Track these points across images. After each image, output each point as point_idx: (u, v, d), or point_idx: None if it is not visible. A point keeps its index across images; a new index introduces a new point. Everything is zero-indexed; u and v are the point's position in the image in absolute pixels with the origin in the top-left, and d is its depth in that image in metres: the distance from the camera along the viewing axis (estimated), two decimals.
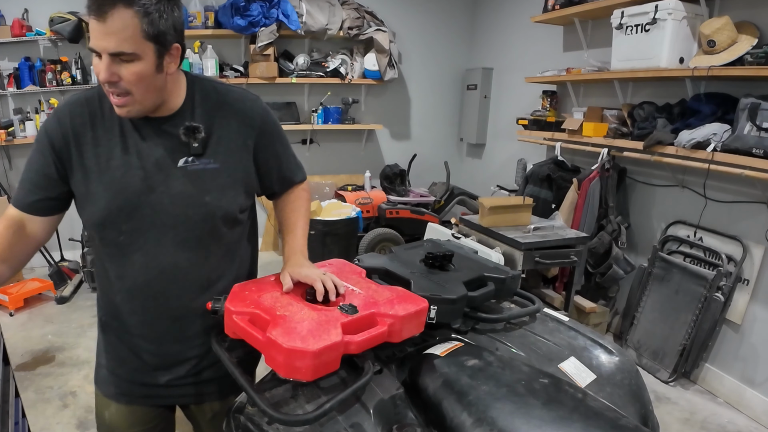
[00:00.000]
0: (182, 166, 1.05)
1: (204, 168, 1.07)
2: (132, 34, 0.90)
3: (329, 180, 5.00)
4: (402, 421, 0.93)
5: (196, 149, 1.06)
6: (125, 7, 0.88)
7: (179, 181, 1.05)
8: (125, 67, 0.93)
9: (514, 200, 3.13)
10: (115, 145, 1.04)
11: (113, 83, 0.94)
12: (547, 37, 3.95)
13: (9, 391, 1.48)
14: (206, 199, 1.07)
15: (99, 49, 0.92)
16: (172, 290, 1.09)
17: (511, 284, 1.28)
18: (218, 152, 1.09)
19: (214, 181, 1.08)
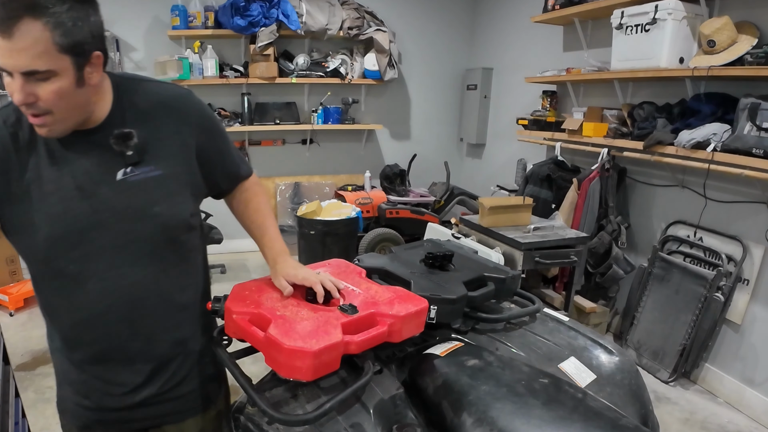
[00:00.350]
0: (122, 179, 0.96)
1: (147, 177, 0.97)
2: (44, 49, 0.79)
3: (329, 180, 5.00)
4: (402, 421, 0.93)
5: (132, 157, 0.96)
6: (33, 19, 0.77)
7: (122, 196, 0.96)
8: (41, 86, 0.82)
9: (514, 200, 3.13)
10: (44, 167, 0.93)
11: (30, 104, 0.84)
12: (547, 37, 3.95)
13: (9, 391, 1.48)
14: (155, 209, 0.98)
15: (9, 68, 0.80)
16: (136, 312, 1.01)
17: (511, 284, 1.28)
18: (159, 157, 0.99)
19: (160, 189, 0.99)
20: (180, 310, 1.07)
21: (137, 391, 1.07)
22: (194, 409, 1.14)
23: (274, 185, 4.85)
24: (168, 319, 1.05)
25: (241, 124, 4.46)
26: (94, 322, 1.00)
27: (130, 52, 4.34)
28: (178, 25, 4.18)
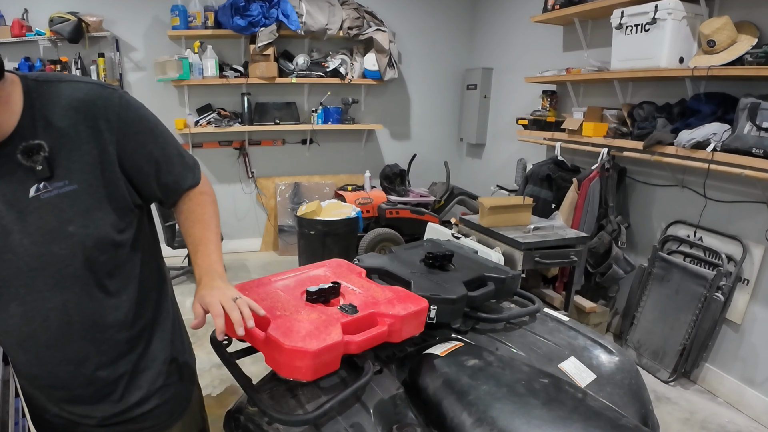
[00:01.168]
0: (35, 196, 0.86)
1: (59, 193, 0.88)
2: None
3: (329, 180, 5.00)
4: (402, 421, 0.93)
5: (42, 172, 0.86)
6: None
7: (35, 215, 0.87)
8: None
9: (514, 200, 3.13)
10: None
11: None
12: (547, 37, 3.95)
13: (9, 391, 1.48)
14: (69, 229, 0.89)
15: None
16: (63, 336, 0.93)
17: (511, 284, 1.28)
18: (72, 170, 0.88)
19: (74, 206, 0.89)
20: (116, 330, 0.97)
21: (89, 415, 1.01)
22: (159, 426, 1.09)
23: (274, 185, 4.85)
24: (101, 342, 0.96)
25: (241, 124, 4.46)
26: (22, 346, 0.93)
27: (130, 52, 4.34)
28: (178, 25, 4.18)
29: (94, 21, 4.01)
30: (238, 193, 4.79)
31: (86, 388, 0.98)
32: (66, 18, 3.91)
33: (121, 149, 0.93)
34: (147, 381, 1.04)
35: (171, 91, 4.48)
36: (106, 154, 0.91)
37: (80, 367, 0.96)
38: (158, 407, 1.06)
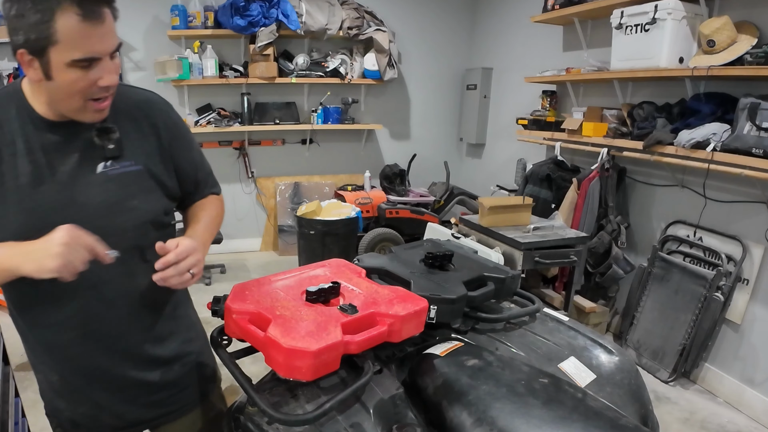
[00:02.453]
0: (102, 172, 0.97)
1: (125, 171, 0.99)
2: (114, 26, 0.88)
3: (329, 180, 5.00)
4: (402, 421, 0.93)
5: (113, 151, 0.97)
6: (106, 5, 0.86)
7: (100, 189, 0.96)
8: (114, 63, 0.89)
9: (513, 200, 3.13)
10: (21, 159, 0.92)
11: (114, 85, 0.90)
12: (546, 37, 3.95)
13: (9, 391, 1.48)
14: (134, 203, 0.99)
15: (104, 52, 0.87)
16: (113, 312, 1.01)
17: (510, 284, 1.28)
18: (137, 153, 1.01)
19: (137, 184, 1.00)
20: (155, 308, 1.07)
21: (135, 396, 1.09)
22: (189, 406, 1.17)
23: (273, 185, 4.85)
24: (145, 316, 1.06)
25: (241, 124, 4.46)
26: (75, 314, 0.99)
27: (130, 52, 4.34)
28: (177, 25, 4.18)
29: None
30: (238, 193, 4.79)
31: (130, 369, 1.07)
32: None
33: (172, 147, 1.08)
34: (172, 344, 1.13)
35: (171, 91, 4.48)
36: (162, 148, 1.06)
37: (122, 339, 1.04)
38: (188, 388, 1.15)
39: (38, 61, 0.85)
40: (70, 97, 0.88)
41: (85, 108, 0.91)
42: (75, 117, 0.93)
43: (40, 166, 0.93)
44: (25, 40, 0.83)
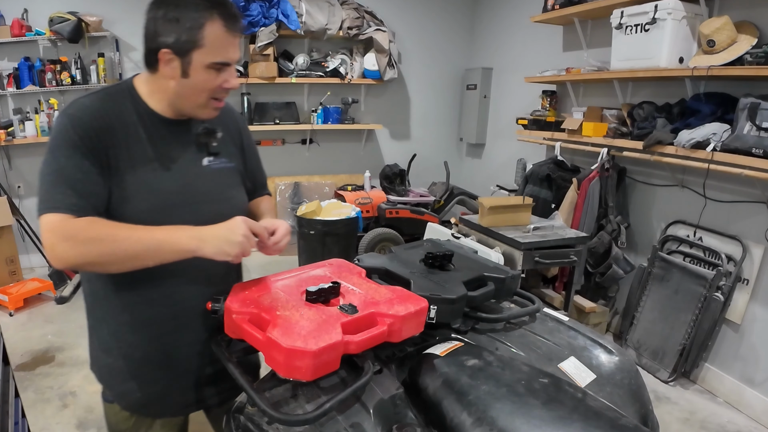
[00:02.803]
0: (207, 165, 1.14)
1: (224, 167, 1.17)
2: None
3: (329, 180, 5.00)
4: (402, 421, 0.93)
5: (215, 149, 1.15)
6: (240, 25, 1.04)
7: (207, 179, 1.13)
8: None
9: (513, 200, 3.13)
10: (145, 147, 1.06)
11: (235, 89, 1.08)
12: (546, 37, 3.95)
13: (9, 391, 1.48)
14: (231, 193, 1.19)
15: (234, 60, 1.04)
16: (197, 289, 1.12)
17: (510, 284, 1.28)
18: (230, 153, 1.20)
19: (232, 178, 1.20)
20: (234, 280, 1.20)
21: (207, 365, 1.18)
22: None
23: (273, 185, 4.85)
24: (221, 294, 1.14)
25: None
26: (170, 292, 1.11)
27: (130, 52, 4.34)
28: None
29: (93, 21, 4.01)
30: None
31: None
32: (66, 18, 3.91)
33: (247, 151, 1.27)
34: None
35: None
36: (242, 150, 1.25)
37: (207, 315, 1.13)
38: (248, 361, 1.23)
39: (179, 60, 0.99)
40: (199, 94, 1.04)
41: (207, 105, 1.06)
42: (193, 113, 1.08)
43: (161, 155, 1.08)
44: (174, 41, 0.97)
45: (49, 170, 0.98)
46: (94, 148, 1.00)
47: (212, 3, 0.97)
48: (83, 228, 0.95)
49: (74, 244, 0.94)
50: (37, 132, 4.08)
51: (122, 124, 1.04)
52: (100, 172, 1.01)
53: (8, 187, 4.18)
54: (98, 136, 1.00)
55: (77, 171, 0.98)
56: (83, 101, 1.03)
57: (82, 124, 0.99)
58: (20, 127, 4.06)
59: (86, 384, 2.70)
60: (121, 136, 1.04)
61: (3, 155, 4.19)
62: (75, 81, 4.10)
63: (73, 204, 0.96)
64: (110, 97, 1.06)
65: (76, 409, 2.48)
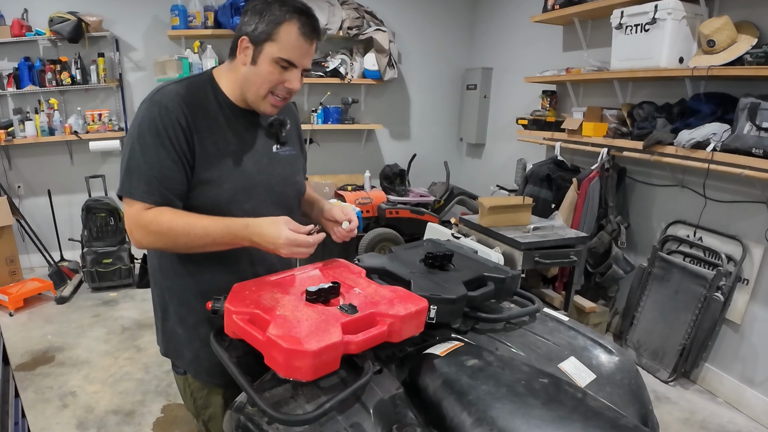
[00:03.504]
0: (276, 152, 1.27)
1: (290, 154, 1.31)
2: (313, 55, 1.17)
3: (329, 180, 5.00)
4: (402, 421, 0.93)
5: (283, 138, 1.29)
6: (317, 37, 1.15)
7: (278, 164, 1.27)
8: (301, 79, 1.18)
9: (513, 200, 3.13)
10: (226, 133, 1.18)
11: (295, 91, 1.17)
12: (546, 37, 3.95)
13: (9, 391, 1.48)
14: (297, 179, 1.34)
15: (300, 63, 1.14)
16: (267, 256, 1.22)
17: (510, 284, 1.28)
18: (293, 143, 1.34)
19: (296, 164, 1.35)
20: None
21: None
22: None
23: None
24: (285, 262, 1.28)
25: None
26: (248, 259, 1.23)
27: (130, 51, 4.34)
28: (177, 25, 4.18)
29: (93, 21, 4.01)
30: None
31: None
32: (66, 18, 3.91)
33: (301, 141, 1.43)
34: None
35: None
36: (299, 140, 1.41)
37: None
38: None
39: (253, 48, 1.11)
40: (261, 84, 1.13)
41: (266, 99, 1.16)
42: (255, 104, 1.18)
43: (240, 140, 1.20)
44: (253, 29, 1.10)
45: (132, 155, 1.10)
46: (178, 136, 1.10)
47: (296, 8, 1.09)
48: (152, 221, 1.08)
49: (146, 233, 1.10)
50: (37, 132, 4.08)
51: (205, 111, 1.15)
52: (182, 159, 1.11)
53: (8, 187, 4.18)
54: (183, 122, 1.10)
55: (159, 162, 1.09)
56: (170, 88, 1.14)
57: (168, 112, 1.09)
58: (20, 127, 4.06)
59: (86, 384, 2.70)
60: (205, 122, 1.14)
61: (3, 155, 4.19)
62: (75, 81, 4.10)
63: (149, 194, 1.09)
64: (193, 85, 1.17)
65: (76, 409, 2.48)
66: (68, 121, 4.17)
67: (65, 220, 4.42)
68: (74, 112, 4.24)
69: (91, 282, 3.94)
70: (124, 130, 4.40)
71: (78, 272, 4.18)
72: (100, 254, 3.91)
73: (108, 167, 4.48)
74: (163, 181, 1.09)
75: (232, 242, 1.09)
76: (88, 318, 3.52)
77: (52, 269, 4.06)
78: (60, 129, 4.15)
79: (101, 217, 3.94)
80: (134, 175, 1.09)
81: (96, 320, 3.49)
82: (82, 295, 3.92)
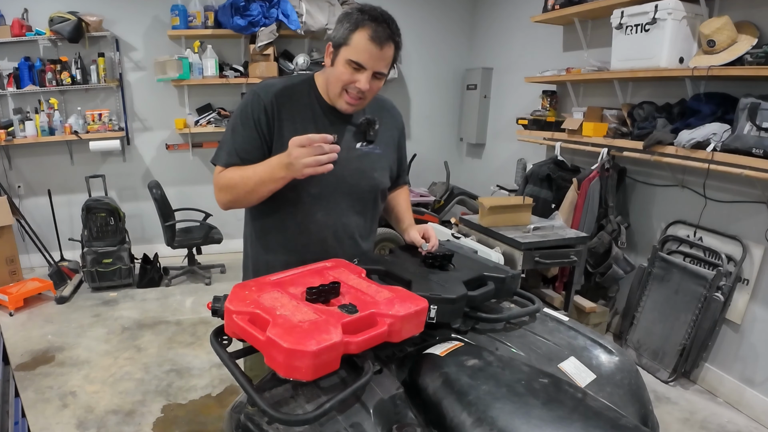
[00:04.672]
0: (359, 149, 1.40)
1: (372, 152, 1.42)
2: (390, 61, 1.30)
3: None
4: (402, 421, 0.93)
5: (371, 137, 1.40)
6: (393, 43, 1.27)
7: (356, 159, 1.38)
8: (375, 81, 1.30)
9: (513, 200, 3.13)
10: (308, 124, 1.33)
11: (364, 92, 1.29)
12: (546, 37, 3.95)
13: (9, 391, 1.48)
14: (374, 175, 1.42)
15: (371, 67, 1.26)
16: (337, 243, 1.38)
17: (511, 284, 1.28)
18: (381, 142, 1.44)
19: (379, 162, 1.44)
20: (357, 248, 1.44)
21: None
22: None
23: None
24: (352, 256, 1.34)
25: None
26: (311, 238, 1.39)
27: (130, 51, 4.34)
28: (177, 24, 4.18)
29: (94, 21, 4.02)
30: None
31: None
32: (66, 18, 3.91)
33: (400, 144, 1.57)
34: None
35: (171, 90, 4.48)
36: (394, 141, 1.53)
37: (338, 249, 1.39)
38: None
39: (334, 52, 1.28)
40: (335, 83, 1.29)
41: (341, 97, 1.31)
42: (333, 102, 1.34)
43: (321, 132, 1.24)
44: (334, 35, 1.27)
45: (227, 130, 1.37)
46: (260, 119, 1.31)
47: (372, 17, 1.23)
48: (222, 178, 1.32)
49: (218, 190, 1.34)
50: (37, 132, 4.08)
51: (296, 103, 1.34)
52: (261, 137, 1.32)
53: (8, 187, 4.18)
54: (269, 108, 1.31)
55: (242, 137, 1.32)
56: (270, 81, 1.37)
57: (259, 100, 1.32)
58: (20, 127, 4.06)
59: (86, 384, 2.70)
60: (292, 113, 1.33)
61: (3, 155, 4.19)
62: (75, 81, 4.11)
63: (228, 161, 1.33)
64: (291, 81, 1.38)
65: (76, 409, 2.48)
66: (68, 121, 4.17)
67: (65, 220, 4.42)
68: (74, 111, 4.24)
69: (91, 282, 3.95)
70: (124, 130, 4.41)
71: (78, 272, 4.18)
72: (100, 254, 3.91)
73: (108, 167, 4.49)
74: (241, 152, 1.32)
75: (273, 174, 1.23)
76: (88, 318, 3.52)
77: (52, 269, 4.07)
78: (60, 129, 4.15)
79: (101, 217, 3.94)
80: (222, 147, 1.35)
81: (96, 320, 3.49)
82: (82, 295, 3.92)
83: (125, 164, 4.58)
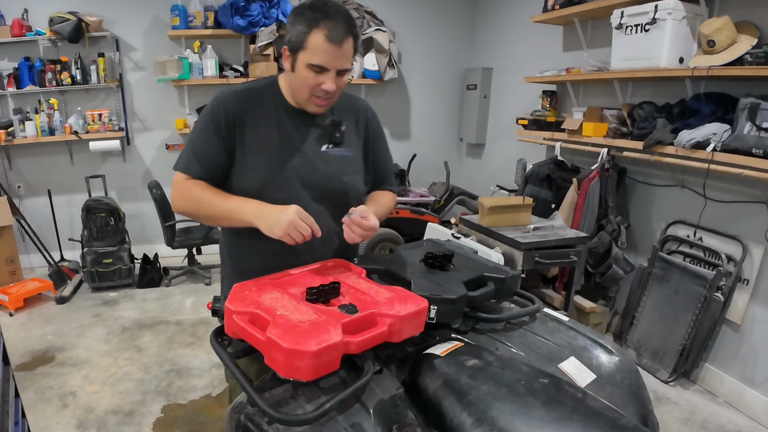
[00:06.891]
0: (325, 151, 1.35)
1: (341, 154, 1.37)
2: (351, 55, 1.24)
3: None
4: (402, 421, 0.93)
5: (338, 139, 1.36)
6: (351, 37, 1.20)
7: (324, 162, 1.34)
8: (340, 78, 1.25)
9: (513, 200, 3.13)
10: (270, 128, 1.31)
11: (332, 91, 1.24)
12: (546, 37, 3.95)
13: (9, 391, 1.48)
14: (343, 178, 1.36)
15: (333, 67, 1.21)
16: (307, 248, 1.28)
17: (511, 284, 1.28)
18: (351, 144, 1.40)
19: (349, 165, 1.38)
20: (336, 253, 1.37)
21: None
22: None
23: None
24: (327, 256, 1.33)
25: None
26: (282, 243, 1.24)
27: (130, 51, 4.34)
28: (177, 25, 4.18)
29: (94, 21, 4.01)
30: None
31: None
32: (66, 18, 3.91)
33: (373, 145, 1.48)
34: None
35: (171, 90, 4.48)
36: (366, 144, 1.46)
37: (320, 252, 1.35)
38: None
39: (292, 57, 1.23)
40: (301, 88, 1.25)
41: (310, 101, 1.27)
42: (303, 105, 1.30)
43: (286, 136, 1.31)
44: (288, 40, 1.22)
45: (189, 139, 1.33)
46: (220, 124, 1.28)
47: (322, 16, 1.17)
48: (189, 188, 1.29)
49: (181, 197, 1.30)
50: (37, 132, 4.08)
51: (257, 108, 1.31)
52: (225, 146, 1.29)
53: (8, 187, 4.18)
54: (232, 116, 1.28)
55: (205, 144, 1.29)
56: (231, 87, 1.33)
57: (220, 106, 1.29)
58: (20, 127, 4.06)
59: (86, 384, 2.70)
60: (255, 117, 1.30)
61: (3, 155, 4.19)
62: (75, 81, 4.11)
63: (192, 168, 1.30)
64: (256, 85, 1.35)
65: (76, 409, 2.48)
66: (68, 121, 4.17)
67: (65, 220, 4.42)
68: (74, 112, 4.24)
69: (91, 282, 3.95)
70: (124, 130, 4.41)
71: (78, 272, 4.18)
72: (100, 254, 3.91)
73: (108, 167, 4.49)
74: (201, 157, 1.29)
75: (241, 215, 1.22)
76: (88, 318, 3.52)
77: (52, 269, 4.07)
78: (60, 129, 4.15)
79: (101, 217, 3.94)
80: (184, 152, 1.32)
81: (96, 320, 3.49)
82: (82, 295, 3.92)
83: (125, 164, 4.58)
